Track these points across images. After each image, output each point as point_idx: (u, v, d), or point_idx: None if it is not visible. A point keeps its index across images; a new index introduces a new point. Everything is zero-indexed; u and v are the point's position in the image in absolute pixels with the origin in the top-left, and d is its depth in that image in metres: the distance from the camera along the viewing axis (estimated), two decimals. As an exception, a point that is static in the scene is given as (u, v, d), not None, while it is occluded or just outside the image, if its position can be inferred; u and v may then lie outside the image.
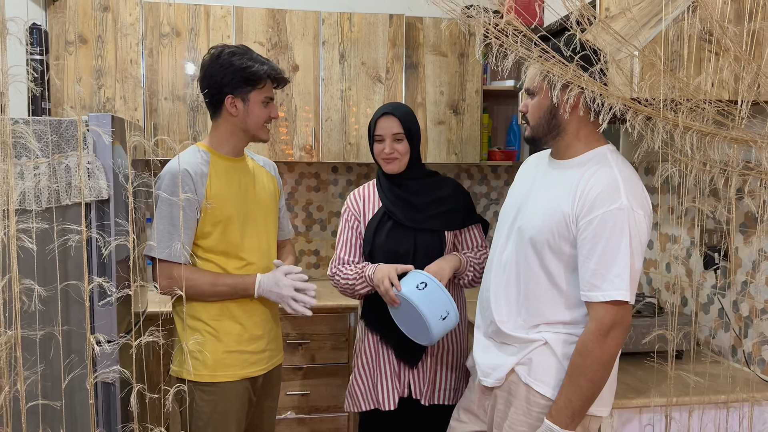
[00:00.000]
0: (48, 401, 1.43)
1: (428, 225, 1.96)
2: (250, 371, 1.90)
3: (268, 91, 1.87)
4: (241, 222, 1.88)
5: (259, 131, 1.90)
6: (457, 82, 3.20)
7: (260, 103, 1.86)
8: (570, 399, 1.47)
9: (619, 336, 1.45)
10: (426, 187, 2.00)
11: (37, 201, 1.47)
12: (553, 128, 1.55)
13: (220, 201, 1.83)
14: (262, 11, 2.98)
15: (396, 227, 1.96)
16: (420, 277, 1.82)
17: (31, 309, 1.34)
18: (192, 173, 1.79)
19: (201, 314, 1.85)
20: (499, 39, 1.41)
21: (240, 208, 1.88)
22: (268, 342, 1.95)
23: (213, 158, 1.87)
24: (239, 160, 1.94)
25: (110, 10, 2.84)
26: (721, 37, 1.58)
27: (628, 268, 1.43)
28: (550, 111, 1.53)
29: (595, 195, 1.46)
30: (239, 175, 1.92)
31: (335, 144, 3.10)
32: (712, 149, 1.48)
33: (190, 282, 1.76)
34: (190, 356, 1.82)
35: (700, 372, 1.80)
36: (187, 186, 1.77)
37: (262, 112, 1.87)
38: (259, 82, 1.84)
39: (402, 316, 1.87)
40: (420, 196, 1.98)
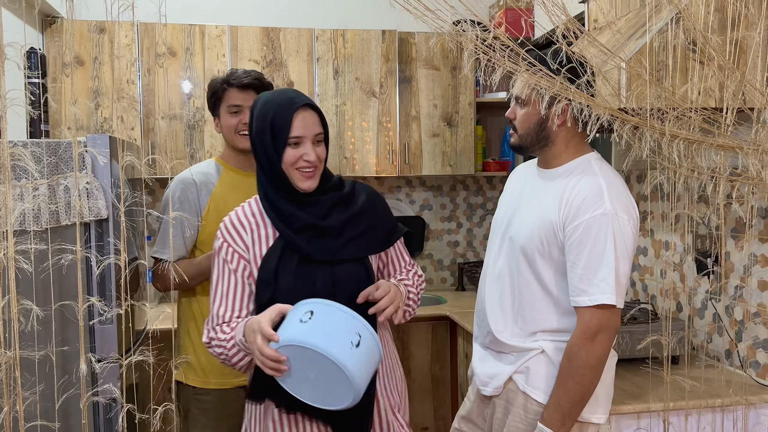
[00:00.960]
0: (46, 422, 1.45)
1: (348, 254, 1.46)
2: (243, 380, 1.90)
3: (232, 99, 1.90)
4: None
5: (232, 140, 1.93)
6: (450, 95, 3.24)
7: (227, 114, 1.92)
8: (559, 402, 1.48)
9: (605, 340, 1.47)
10: (339, 203, 1.49)
11: (36, 222, 1.49)
12: (542, 139, 1.58)
13: (224, 212, 1.86)
14: (257, 30, 3.02)
15: (305, 262, 1.43)
16: (302, 309, 1.29)
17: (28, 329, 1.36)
18: (197, 182, 1.90)
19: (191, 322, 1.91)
20: (487, 54, 1.44)
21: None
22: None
23: (224, 170, 1.96)
24: (249, 174, 1.96)
25: (106, 31, 2.88)
26: (705, 46, 1.61)
27: (613, 272, 1.45)
28: (539, 123, 1.56)
29: (580, 201, 1.49)
30: (246, 188, 1.92)
31: (331, 158, 3.12)
32: (700, 156, 1.50)
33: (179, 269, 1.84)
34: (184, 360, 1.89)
35: (696, 376, 1.82)
36: (190, 193, 1.88)
37: (230, 121, 1.92)
38: (221, 94, 1.91)
39: (301, 378, 1.28)
40: (331, 218, 1.47)
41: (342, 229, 1.46)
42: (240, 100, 1.91)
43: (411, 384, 2.99)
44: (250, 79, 1.92)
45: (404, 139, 3.20)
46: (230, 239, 1.48)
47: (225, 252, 1.47)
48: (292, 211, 1.43)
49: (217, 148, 3.00)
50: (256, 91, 1.92)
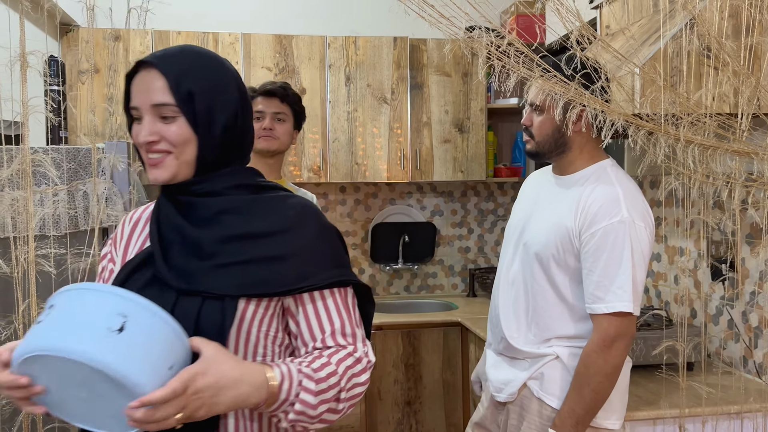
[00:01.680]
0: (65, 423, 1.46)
1: (207, 285, 1.00)
2: None
3: (255, 106, 1.96)
4: None
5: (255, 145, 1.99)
6: (461, 101, 3.25)
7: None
8: (573, 408, 1.48)
9: (622, 347, 1.47)
10: (230, 211, 1.05)
11: (56, 227, 1.51)
12: (560, 145, 1.58)
13: None
14: (269, 37, 3.05)
15: (155, 283, 1.02)
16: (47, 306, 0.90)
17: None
18: None
19: None
20: (501, 60, 1.45)
21: None
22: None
23: None
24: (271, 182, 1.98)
25: (121, 39, 2.92)
26: (719, 52, 1.61)
27: (630, 279, 1.45)
28: (558, 129, 1.56)
29: (597, 209, 1.49)
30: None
31: (342, 164, 3.15)
32: (715, 162, 1.50)
33: None
34: None
35: (712, 383, 1.80)
36: None
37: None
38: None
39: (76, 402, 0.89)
40: (207, 229, 1.03)
41: (215, 248, 1.01)
42: (263, 106, 1.97)
43: (422, 390, 2.99)
44: (273, 86, 1.98)
45: (415, 145, 3.21)
46: (117, 236, 1.16)
47: (107, 249, 1.17)
48: (168, 210, 1.06)
49: (230, 155, 3.02)
50: (281, 100, 1.99)
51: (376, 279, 3.55)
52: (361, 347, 1.04)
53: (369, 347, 1.06)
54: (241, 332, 1.00)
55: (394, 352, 2.95)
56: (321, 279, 1.02)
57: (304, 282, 1.01)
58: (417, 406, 2.99)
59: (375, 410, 2.95)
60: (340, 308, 1.04)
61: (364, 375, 1.02)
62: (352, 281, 1.07)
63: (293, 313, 1.04)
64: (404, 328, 2.96)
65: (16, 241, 1.33)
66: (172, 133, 0.99)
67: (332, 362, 0.99)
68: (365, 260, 3.53)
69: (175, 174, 1.02)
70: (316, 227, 1.06)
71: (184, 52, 1.04)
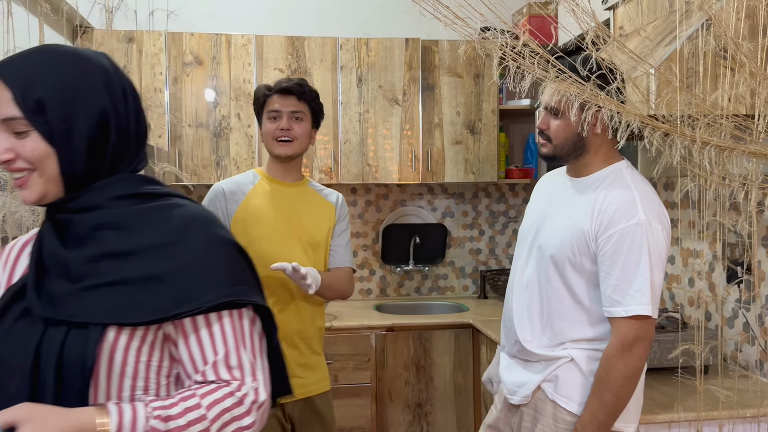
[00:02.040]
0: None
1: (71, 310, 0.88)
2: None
3: (271, 105, 1.87)
4: (276, 242, 1.85)
5: (270, 146, 1.89)
6: (473, 103, 3.24)
7: (266, 121, 1.89)
8: (594, 414, 1.47)
9: (642, 350, 1.46)
10: (107, 225, 0.92)
11: None
12: (578, 149, 1.57)
13: (252, 219, 1.85)
14: (282, 39, 3.06)
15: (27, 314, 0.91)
16: None
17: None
18: (226, 191, 1.87)
19: None
20: (516, 61, 1.44)
21: (276, 228, 1.86)
22: (296, 367, 1.86)
23: (262, 180, 1.92)
24: (293, 184, 1.94)
25: (135, 41, 2.94)
26: (735, 53, 1.60)
27: (648, 282, 1.44)
28: (576, 133, 1.55)
29: (613, 211, 1.48)
30: (285, 199, 1.90)
31: (354, 165, 3.15)
32: (731, 163, 1.49)
33: None
34: None
35: (728, 387, 1.79)
36: (218, 202, 1.85)
37: (267, 126, 1.88)
38: (263, 101, 1.89)
39: None
40: (85, 245, 0.92)
41: (84, 269, 0.89)
42: (279, 105, 1.87)
43: (433, 392, 2.98)
44: (289, 83, 1.87)
45: (426, 147, 3.21)
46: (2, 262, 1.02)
47: None
48: (47, 231, 0.94)
49: (242, 156, 3.03)
50: (298, 98, 1.87)
51: (386, 280, 3.55)
52: (250, 382, 0.89)
53: (261, 382, 0.90)
54: (114, 364, 0.86)
55: (405, 353, 2.95)
56: (205, 301, 0.88)
57: (184, 305, 0.87)
58: (428, 408, 2.98)
59: (385, 412, 2.95)
60: (227, 335, 0.89)
61: (247, 418, 0.88)
62: (247, 302, 0.91)
63: (174, 341, 0.90)
64: (415, 329, 2.96)
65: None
66: (26, 150, 0.88)
67: (202, 404, 0.86)
68: (376, 261, 3.53)
69: (43, 193, 0.90)
70: (204, 240, 0.91)
71: (33, 55, 0.90)
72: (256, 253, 1.77)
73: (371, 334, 2.92)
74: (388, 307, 3.35)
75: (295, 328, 1.86)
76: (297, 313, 1.88)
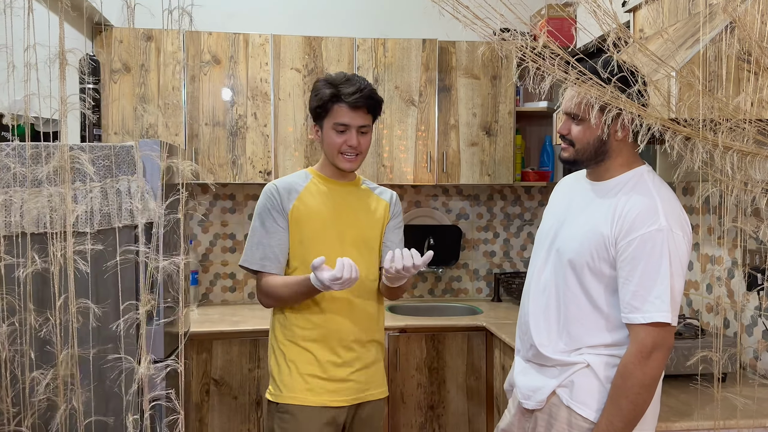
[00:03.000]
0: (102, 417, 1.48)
1: None
2: (325, 399, 1.81)
3: (340, 117, 1.77)
4: (331, 240, 1.84)
5: (334, 159, 1.83)
6: (489, 104, 3.23)
7: (331, 131, 1.80)
8: (611, 422, 1.45)
9: (661, 358, 1.44)
10: None
11: (90, 224, 1.53)
12: (600, 153, 1.56)
13: (306, 218, 1.83)
14: (299, 39, 3.06)
15: None
16: None
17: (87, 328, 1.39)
18: (280, 189, 1.84)
19: (279, 335, 1.87)
20: (536, 62, 1.43)
21: (330, 227, 1.85)
22: (352, 372, 1.84)
23: (315, 179, 1.89)
24: (347, 184, 1.92)
25: (153, 39, 2.96)
26: (760, 56, 1.57)
27: (668, 289, 1.42)
28: (599, 138, 1.53)
29: (634, 216, 1.46)
30: (339, 197, 1.88)
31: (369, 166, 3.15)
32: (754, 169, 1.47)
33: (270, 288, 1.79)
34: (272, 376, 1.85)
35: (747, 395, 1.76)
36: (273, 199, 1.83)
37: (334, 140, 1.80)
38: (327, 108, 1.79)
39: None
40: None
41: None
42: (349, 120, 1.78)
43: (446, 395, 2.97)
44: (363, 99, 1.77)
45: (442, 148, 3.20)
46: None
47: None
48: None
49: (258, 155, 3.04)
50: (368, 110, 1.80)
51: (400, 281, 3.54)
52: None
53: None
54: None
55: (418, 355, 2.94)
56: None
57: None
58: (440, 410, 2.97)
59: (398, 414, 2.94)
60: None
61: None
62: None
63: None
64: (428, 331, 2.95)
65: (52, 237, 1.35)
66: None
67: None
68: (390, 262, 3.52)
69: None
70: None
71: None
72: (311, 252, 1.80)
73: (384, 335, 2.91)
74: (401, 308, 3.35)
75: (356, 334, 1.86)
76: (357, 318, 1.87)
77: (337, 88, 1.77)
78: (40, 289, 1.43)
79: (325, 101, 1.79)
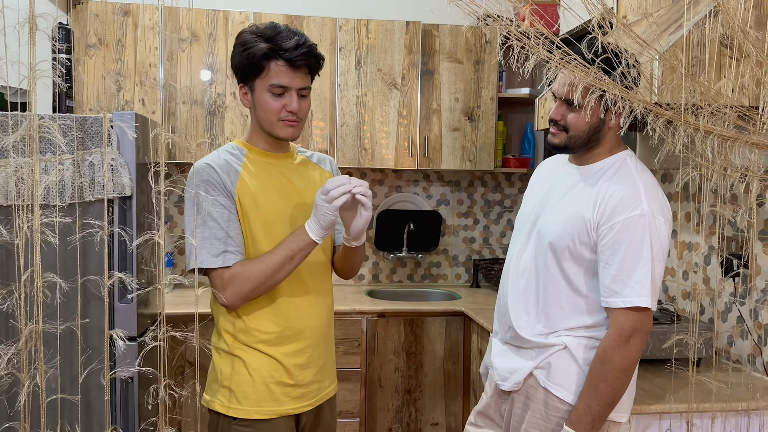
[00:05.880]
0: (67, 396, 1.44)
1: None
2: (289, 407, 1.60)
3: (275, 77, 1.49)
4: (283, 227, 1.57)
5: (272, 127, 1.55)
6: (472, 89, 3.21)
7: (267, 93, 1.51)
8: (590, 405, 1.46)
9: (639, 342, 1.44)
10: None
11: (60, 196, 1.48)
12: (593, 141, 1.54)
13: (252, 203, 1.55)
14: (280, 17, 3.01)
15: None
16: None
17: (54, 303, 1.35)
18: (219, 171, 1.52)
19: (230, 340, 1.60)
20: (521, 41, 1.41)
21: (279, 211, 1.58)
22: (316, 371, 1.64)
23: (249, 154, 1.60)
24: (284, 156, 1.65)
25: (130, 14, 2.88)
26: (742, 42, 1.57)
27: (649, 274, 1.42)
28: (596, 127, 1.52)
29: (617, 201, 1.46)
30: (282, 175, 1.62)
31: (350, 149, 3.11)
32: (734, 153, 1.47)
33: (247, 273, 1.49)
34: (222, 385, 1.58)
35: (720, 380, 1.78)
36: (217, 185, 1.51)
37: (270, 105, 1.51)
38: (260, 66, 1.49)
39: None
40: None
41: None
42: (288, 80, 1.49)
43: (423, 379, 2.97)
44: (304, 57, 1.49)
45: (424, 132, 3.18)
46: None
47: None
48: None
49: (236, 134, 2.99)
50: (309, 71, 1.54)
51: (379, 266, 3.53)
52: None
53: None
54: None
55: (396, 339, 2.94)
56: None
57: None
58: (417, 394, 2.97)
59: (375, 397, 2.94)
60: None
61: None
62: None
63: None
64: (407, 315, 2.94)
65: (19, 209, 1.30)
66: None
67: None
68: (369, 247, 3.51)
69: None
70: None
71: None
72: (258, 241, 1.55)
73: (362, 319, 2.90)
74: (380, 293, 3.33)
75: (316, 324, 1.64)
76: (317, 307, 1.64)
77: (274, 41, 1.47)
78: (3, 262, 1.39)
79: (259, 58, 1.48)
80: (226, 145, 1.63)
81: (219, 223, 1.50)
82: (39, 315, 1.22)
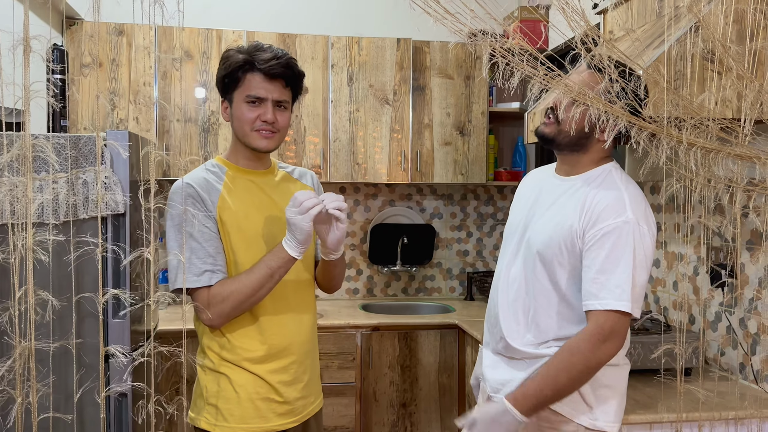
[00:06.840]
0: (59, 414, 1.44)
1: None
2: (276, 424, 1.60)
3: (253, 88, 1.53)
4: (264, 243, 1.58)
5: (245, 136, 1.57)
6: (463, 104, 3.25)
7: (243, 104, 1.55)
8: (542, 390, 1.45)
9: (614, 346, 1.45)
10: None
11: (54, 214, 1.50)
12: (579, 145, 1.56)
13: (233, 223, 1.57)
14: (273, 35, 3.05)
15: None
16: None
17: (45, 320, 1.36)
18: (199, 190, 1.54)
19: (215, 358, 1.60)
20: (506, 58, 1.44)
21: (260, 231, 1.59)
22: (302, 386, 1.64)
23: (230, 172, 1.62)
24: (265, 173, 1.66)
25: (125, 33, 2.92)
26: (723, 56, 1.61)
27: (629, 279, 1.43)
28: (586, 132, 1.53)
29: (602, 208, 1.49)
30: (263, 194, 1.63)
31: (343, 164, 3.14)
32: (717, 165, 1.50)
33: (228, 291, 1.50)
34: (208, 402, 1.58)
35: (709, 389, 1.80)
36: (197, 204, 1.53)
37: (246, 114, 1.54)
38: (237, 78, 1.54)
39: None
40: None
41: None
42: (264, 92, 1.54)
43: (418, 392, 2.97)
44: (280, 67, 1.53)
45: (416, 147, 3.21)
46: None
47: None
48: None
49: (230, 152, 3.02)
50: (286, 83, 1.57)
51: (373, 280, 3.54)
52: None
53: None
54: None
55: (391, 353, 2.94)
56: None
57: None
58: (412, 408, 2.97)
59: (370, 411, 2.94)
60: None
61: None
62: None
63: None
64: (401, 329, 2.95)
65: (14, 227, 1.32)
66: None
67: None
68: (363, 261, 3.52)
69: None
70: None
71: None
72: (239, 261, 1.55)
73: (357, 333, 2.91)
74: (374, 306, 3.35)
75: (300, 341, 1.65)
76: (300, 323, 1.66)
77: (251, 54, 1.53)
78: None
79: (235, 69, 1.54)
80: (207, 162, 1.66)
81: (200, 243, 1.52)
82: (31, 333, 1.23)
